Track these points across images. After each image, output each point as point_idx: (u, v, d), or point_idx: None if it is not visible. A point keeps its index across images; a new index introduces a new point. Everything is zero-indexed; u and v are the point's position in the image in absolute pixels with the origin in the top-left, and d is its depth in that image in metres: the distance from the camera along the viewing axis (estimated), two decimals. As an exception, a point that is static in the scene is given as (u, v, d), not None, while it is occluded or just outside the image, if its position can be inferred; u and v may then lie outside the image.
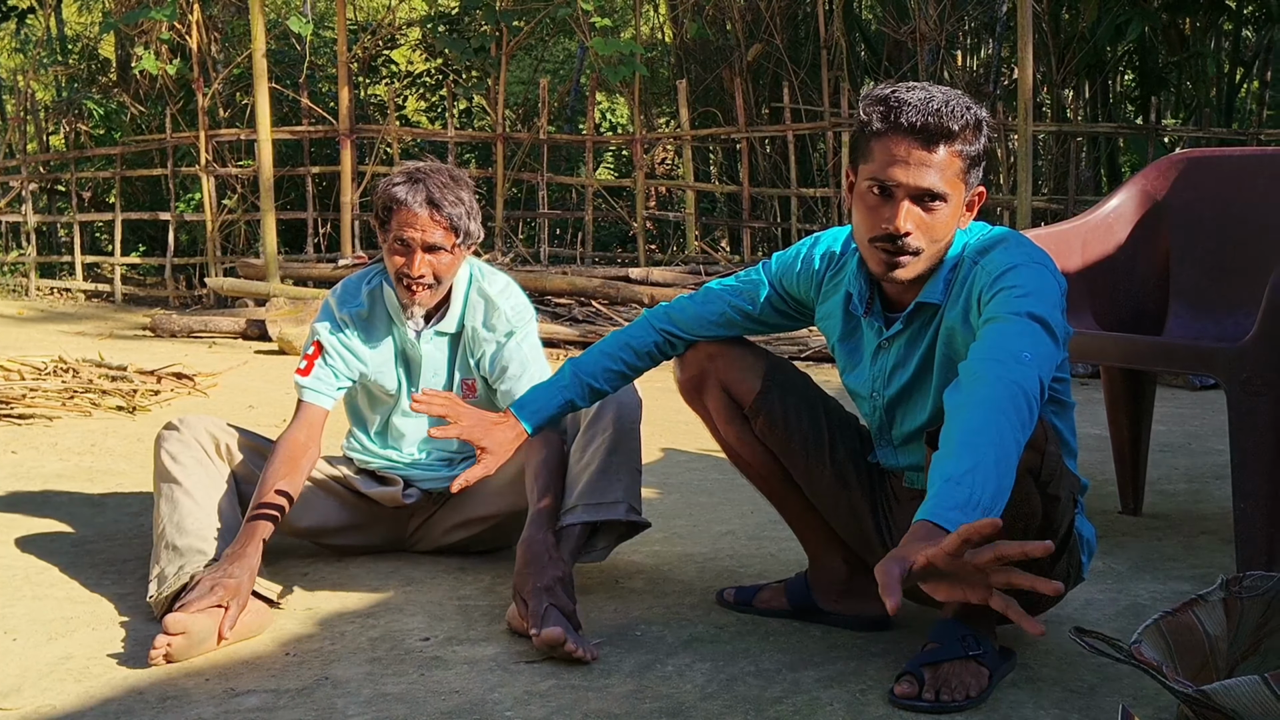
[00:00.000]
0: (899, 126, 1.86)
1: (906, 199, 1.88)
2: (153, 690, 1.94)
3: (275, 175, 8.55)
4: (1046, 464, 1.85)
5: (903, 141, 1.86)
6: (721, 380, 2.22)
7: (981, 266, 1.92)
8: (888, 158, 1.87)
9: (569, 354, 6.77)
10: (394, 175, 2.48)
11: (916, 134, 1.85)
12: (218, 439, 2.52)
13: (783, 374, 2.22)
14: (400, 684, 1.97)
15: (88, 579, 2.54)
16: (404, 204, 2.41)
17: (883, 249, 1.92)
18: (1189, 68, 9.35)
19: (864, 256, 2.00)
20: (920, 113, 1.85)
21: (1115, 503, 3.21)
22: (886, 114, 1.87)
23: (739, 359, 2.22)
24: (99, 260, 10.23)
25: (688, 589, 2.50)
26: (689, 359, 2.25)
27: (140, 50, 9.38)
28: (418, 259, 2.43)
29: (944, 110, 1.85)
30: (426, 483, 2.68)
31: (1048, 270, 1.91)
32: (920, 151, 1.86)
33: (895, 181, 1.87)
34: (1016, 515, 1.84)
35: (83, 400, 4.66)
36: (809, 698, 1.91)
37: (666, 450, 4.03)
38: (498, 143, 9.27)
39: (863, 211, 1.93)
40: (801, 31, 10.32)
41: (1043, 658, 2.08)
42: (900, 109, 1.86)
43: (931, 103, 1.86)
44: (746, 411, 2.21)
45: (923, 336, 2.01)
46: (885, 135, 1.87)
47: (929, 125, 1.85)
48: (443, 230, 2.43)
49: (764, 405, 2.19)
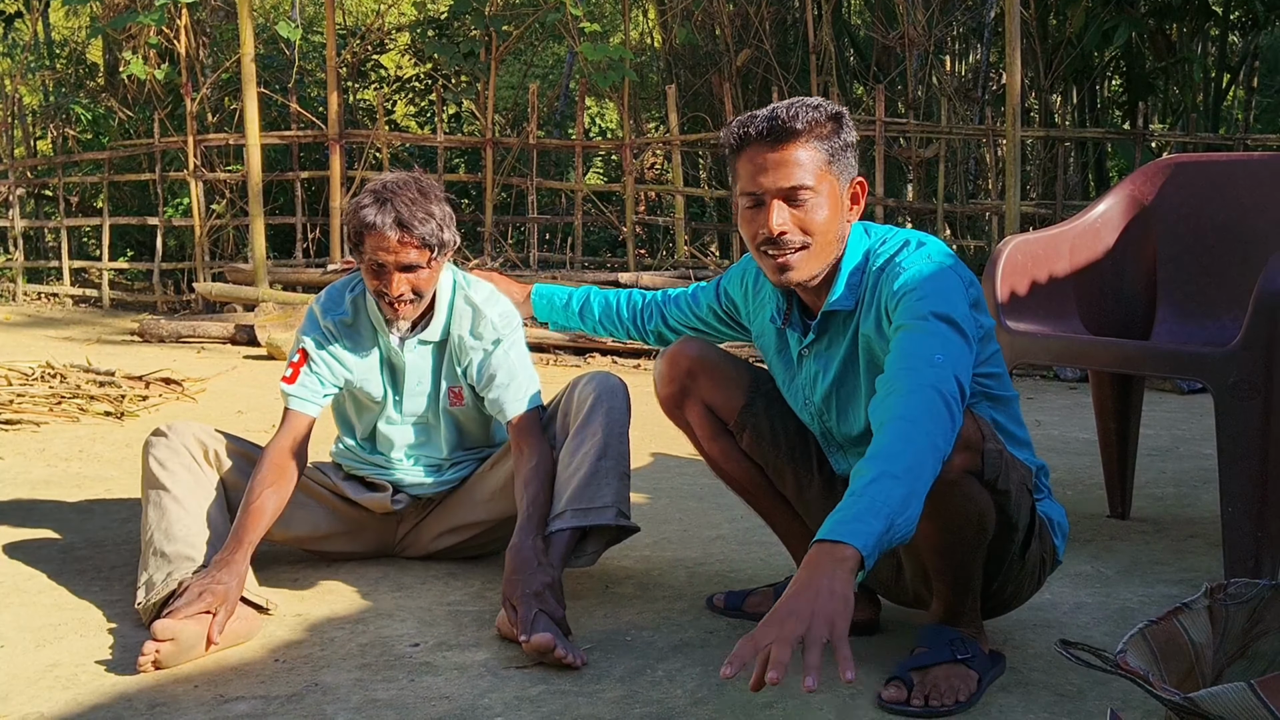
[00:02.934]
0: (749, 138, 1.95)
1: (775, 200, 1.94)
2: (141, 697, 1.94)
3: (264, 180, 8.52)
4: (987, 462, 1.85)
5: (757, 150, 1.95)
6: (704, 397, 2.22)
7: (886, 274, 1.96)
8: (749, 169, 1.96)
9: (559, 359, 6.76)
10: (361, 196, 2.42)
11: (765, 139, 1.94)
12: (206, 445, 2.52)
13: (766, 385, 2.22)
14: (390, 690, 1.97)
15: (75, 586, 2.53)
16: (374, 227, 2.37)
17: (769, 254, 1.97)
18: (1176, 73, 9.40)
19: (762, 271, 2.06)
20: (765, 120, 1.94)
21: (1104, 506, 3.22)
22: (739, 132, 1.97)
23: (721, 374, 2.22)
24: (87, 265, 10.19)
25: (678, 594, 2.50)
26: (668, 375, 2.25)
27: (128, 55, 9.35)
28: (394, 280, 2.42)
29: (786, 113, 1.93)
30: (415, 489, 2.67)
31: (948, 268, 1.94)
32: (773, 154, 1.94)
33: (760, 189, 1.95)
34: (966, 516, 1.86)
35: (70, 406, 4.64)
36: (798, 703, 1.91)
37: (656, 455, 4.03)
38: (487, 148, 9.26)
39: (745, 227, 2.00)
40: (790, 37, 10.34)
41: (1032, 661, 2.09)
42: (748, 123, 1.96)
43: (777, 110, 1.95)
44: (731, 427, 2.21)
45: (839, 343, 2.04)
46: (742, 151, 1.97)
47: (775, 128, 1.93)
48: (415, 249, 2.40)
49: (749, 420, 2.19)
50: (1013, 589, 2.06)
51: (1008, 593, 2.06)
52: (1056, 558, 2.11)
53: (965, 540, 1.89)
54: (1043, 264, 3.03)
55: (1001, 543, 1.94)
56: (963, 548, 1.90)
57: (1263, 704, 1.45)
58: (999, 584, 2.02)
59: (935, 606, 2.01)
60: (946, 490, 1.81)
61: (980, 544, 1.91)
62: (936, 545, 1.92)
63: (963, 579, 1.96)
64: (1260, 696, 1.45)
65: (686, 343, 2.25)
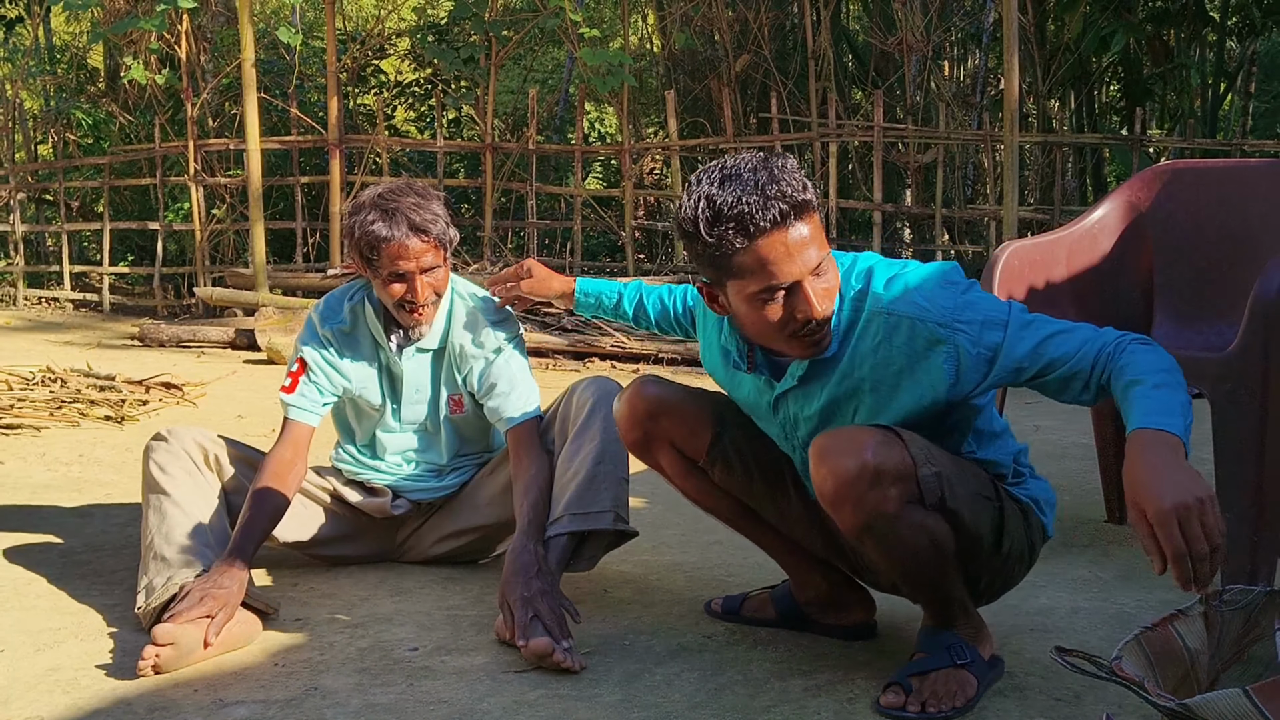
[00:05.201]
0: (760, 229, 1.75)
1: (808, 281, 1.79)
2: (141, 701, 1.94)
3: (264, 185, 8.54)
4: (925, 488, 1.80)
5: (775, 237, 1.75)
6: (669, 439, 2.15)
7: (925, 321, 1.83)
8: (769, 258, 1.76)
9: (557, 363, 6.77)
10: (365, 213, 2.41)
11: (780, 223, 1.75)
12: (206, 450, 2.53)
13: (730, 413, 2.14)
14: (389, 694, 1.98)
15: (75, 590, 2.54)
16: (389, 239, 2.38)
17: (805, 336, 1.84)
18: (1173, 79, 9.42)
19: (777, 350, 1.92)
20: (772, 203, 1.74)
21: (1101, 511, 3.22)
22: (740, 228, 1.75)
23: (682, 412, 2.13)
24: (87, 270, 10.20)
25: (676, 598, 2.51)
26: (629, 420, 2.16)
27: (129, 60, 9.36)
28: (419, 285, 2.43)
29: (785, 185, 1.75)
30: (415, 494, 2.68)
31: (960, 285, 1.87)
32: (792, 235, 1.76)
33: (792, 277, 1.78)
34: (918, 544, 1.84)
35: (70, 410, 4.64)
36: (797, 706, 1.92)
37: (655, 460, 4.04)
38: (486, 152, 9.28)
39: (762, 315, 1.82)
40: (789, 42, 10.36)
41: (1029, 666, 2.09)
42: (750, 215, 1.74)
43: (767, 188, 1.74)
44: (702, 464, 2.15)
45: (821, 386, 1.94)
46: (752, 246, 1.76)
47: (792, 207, 1.75)
48: (433, 250, 2.43)
49: (718, 455, 2.13)
50: (1001, 579, 2.06)
51: (997, 584, 2.06)
52: (1046, 534, 2.08)
53: (925, 564, 1.88)
54: (1040, 269, 3.04)
55: (970, 550, 1.93)
56: (926, 570, 1.90)
57: (1257, 709, 1.46)
58: (985, 580, 2.02)
59: (927, 613, 2.02)
60: (890, 524, 1.80)
61: (943, 563, 1.89)
62: (900, 574, 1.92)
63: (939, 594, 1.96)
64: (1255, 701, 1.46)
65: (644, 384, 2.15)
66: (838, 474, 1.79)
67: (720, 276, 1.84)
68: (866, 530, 1.83)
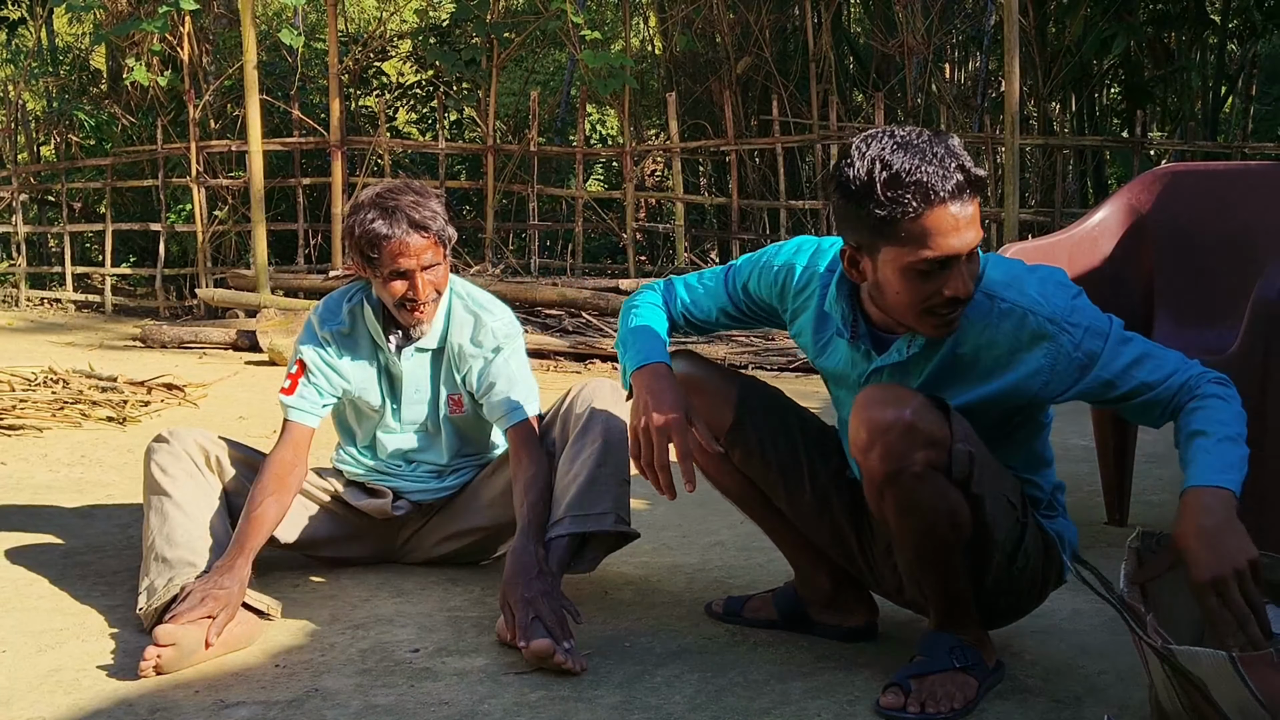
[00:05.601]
0: (938, 197, 1.76)
1: (964, 259, 1.81)
2: (142, 702, 1.95)
3: (266, 186, 8.55)
4: (955, 460, 1.83)
5: (948, 209, 1.77)
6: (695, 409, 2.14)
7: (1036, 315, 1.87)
8: (938, 229, 1.77)
9: (559, 364, 6.77)
10: (364, 212, 2.41)
11: (957, 196, 1.77)
12: (208, 451, 2.53)
13: (755, 399, 2.18)
14: (390, 695, 1.98)
15: (77, 591, 2.54)
16: (390, 237, 2.39)
17: (943, 314, 1.84)
18: (1174, 81, 9.42)
19: (908, 324, 1.90)
20: (954, 174, 1.76)
21: (1101, 513, 3.23)
22: (920, 193, 1.75)
23: (710, 392, 2.15)
24: (89, 271, 10.21)
25: (676, 600, 2.51)
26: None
27: (131, 62, 9.37)
28: (420, 283, 2.44)
29: (965, 163, 1.78)
30: (416, 494, 2.68)
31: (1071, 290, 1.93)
32: (963, 211, 1.78)
33: (955, 251, 1.78)
34: (937, 513, 1.85)
35: (72, 411, 4.65)
36: (797, 708, 1.92)
37: (656, 462, 4.04)
38: (488, 154, 9.28)
39: (911, 286, 1.82)
40: (790, 44, 10.36)
41: (1029, 668, 2.09)
42: (930, 183, 1.75)
43: (946, 160, 1.77)
44: (722, 444, 2.16)
45: (924, 365, 1.95)
46: (926, 214, 1.77)
47: (969, 182, 1.78)
48: (433, 247, 2.44)
49: (739, 438, 2.16)
50: (1008, 601, 2.06)
51: (1004, 604, 2.06)
52: (1061, 575, 2.10)
53: (939, 542, 1.88)
54: (1041, 272, 3.04)
55: (984, 550, 1.93)
56: (938, 551, 1.89)
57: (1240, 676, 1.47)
58: (993, 594, 2.02)
59: (931, 612, 2.02)
60: (913, 483, 1.83)
61: (955, 545, 1.89)
62: (912, 543, 1.90)
63: (947, 586, 1.95)
64: (1239, 669, 1.47)
65: (677, 360, 2.16)
66: (873, 421, 1.82)
67: (876, 242, 1.82)
68: (890, 482, 1.83)
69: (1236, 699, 1.49)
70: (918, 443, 1.80)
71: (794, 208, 8.94)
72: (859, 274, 1.90)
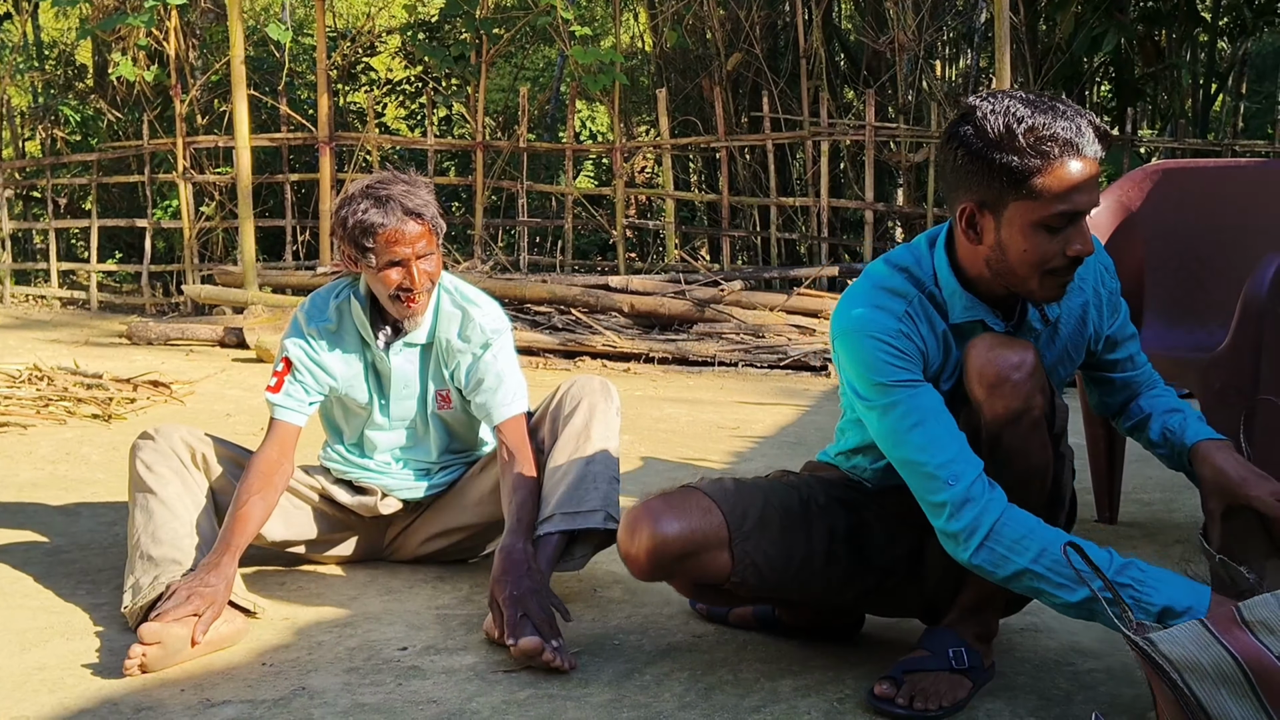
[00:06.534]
0: (1075, 148, 1.77)
1: (1085, 218, 1.82)
2: (127, 701, 1.93)
3: (253, 182, 8.50)
4: (1057, 412, 1.90)
5: (1082, 163, 1.77)
6: (691, 578, 2.01)
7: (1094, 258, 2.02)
8: (1070, 182, 1.77)
9: (548, 362, 6.76)
10: (356, 203, 2.39)
11: (1089, 151, 1.78)
12: (194, 449, 2.51)
13: (745, 524, 1.96)
14: (378, 694, 1.97)
15: (62, 589, 2.52)
16: (384, 225, 2.37)
17: (1063, 275, 1.84)
18: (1164, 79, 9.44)
19: (1023, 289, 1.86)
20: (1088, 130, 1.78)
21: (1091, 511, 3.23)
22: (1066, 145, 1.76)
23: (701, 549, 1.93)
24: (75, 267, 10.16)
25: (666, 598, 2.50)
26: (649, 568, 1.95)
27: (117, 56, 9.32)
28: (415, 271, 2.42)
29: (1095, 121, 1.80)
30: (404, 492, 2.67)
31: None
32: (1093, 168, 1.79)
33: (1082, 207, 1.79)
34: (1038, 466, 1.89)
35: (58, 408, 4.62)
36: (787, 706, 1.91)
37: (646, 459, 4.03)
38: (477, 150, 9.26)
39: (1037, 244, 1.80)
40: (781, 41, 10.36)
41: (1019, 665, 2.09)
42: (1072, 137, 1.76)
43: (1078, 118, 1.78)
44: (726, 587, 2.00)
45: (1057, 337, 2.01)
46: (1066, 164, 1.76)
47: (1101, 140, 1.79)
48: (427, 235, 2.42)
49: (742, 578, 1.96)
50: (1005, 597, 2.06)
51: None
52: None
53: (1032, 493, 1.88)
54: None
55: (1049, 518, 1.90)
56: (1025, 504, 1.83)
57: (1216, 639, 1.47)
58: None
59: (960, 600, 1.98)
60: (1031, 426, 1.85)
61: (1038, 505, 1.88)
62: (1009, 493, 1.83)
63: None
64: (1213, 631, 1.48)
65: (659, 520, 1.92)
66: (1004, 359, 1.83)
67: (1005, 197, 1.80)
68: (1013, 421, 1.84)
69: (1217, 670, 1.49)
70: (1038, 387, 1.84)
71: (784, 204, 8.94)
72: (975, 235, 1.86)
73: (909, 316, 1.90)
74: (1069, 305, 2.00)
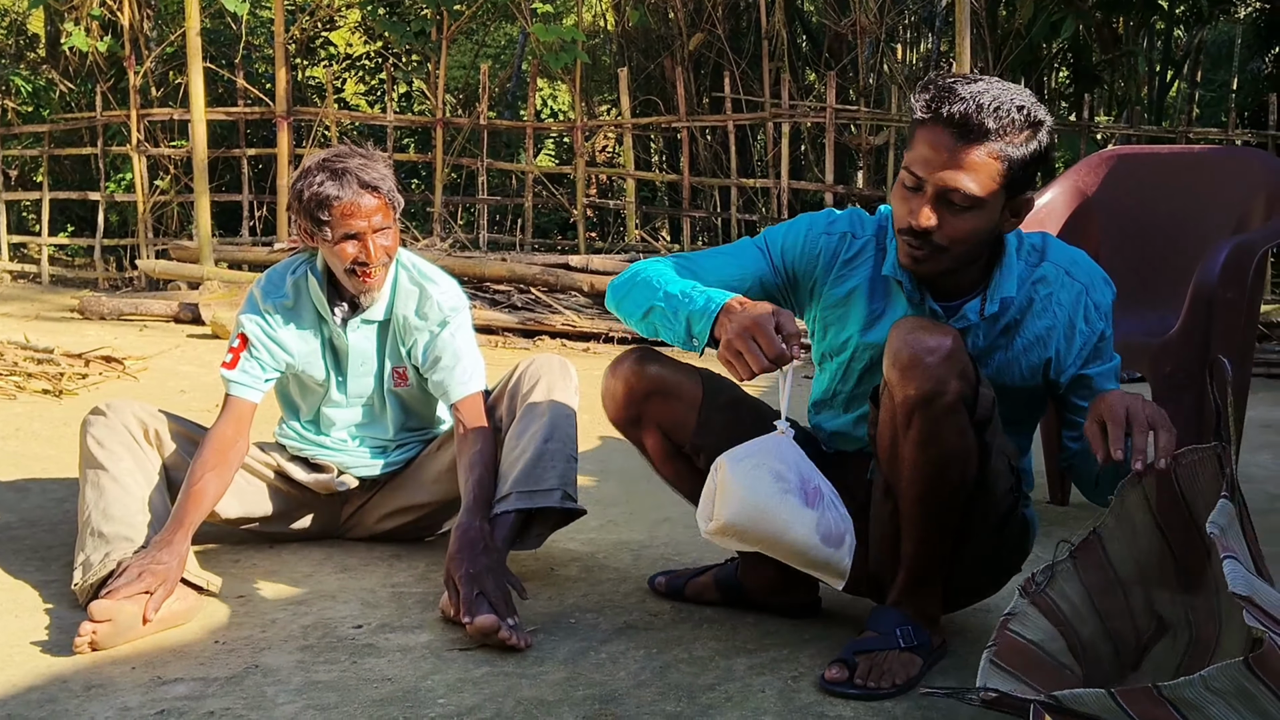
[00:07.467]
0: (939, 117, 1.79)
1: (933, 194, 1.82)
2: (77, 679, 1.91)
3: (210, 156, 8.40)
4: (980, 400, 1.86)
5: (940, 133, 1.79)
6: (658, 421, 2.13)
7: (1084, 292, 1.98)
8: (924, 148, 1.81)
9: (507, 340, 6.74)
10: (312, 176, 2.38)
11: (953, 127, 1.78)
12: (146, 425, 2.48)
13: (718, 396, 2.12)
14: (332, 672, 1.96)
15: (10, 566, 2.49)
16: (340, 198, 2.35)
17: (907, 241, 1.88)
18: (1121, 66, 9.53)
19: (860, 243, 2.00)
20: (963, 104, 1.77)
21: (1044, 493, 3.27)
22: (931, 102, 1.80)
23: (674, 394, 2.10)
24: (25, 240, 9.99)
25: (622, 576, 2.51)
26: (626, 396, 2.12)
27: (70, 26, 9.16)
28: (371, 245, 2.40)
29: (987, 107, 1.77)
30: (360, 470, 2.66)
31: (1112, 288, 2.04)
32: (952, 146, 1.79)
33: (924, 176, 1.82)
34: (954, 451, 1.86)
35: (7, 383, 4.55)
36: (741, 684, 1.92)
37: (604, 438, 4.04)
38: (437, 127, 9.19)
39: (896, 199, 1.88)
40: (743, 22, 10.35)
41: (971, 645, 2.11)
42: (946, 98, 1.78)
43: (980, 97, 1.78)
44: (686, 450, 2.13)
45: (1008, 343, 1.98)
46: (925, 124, 1.81)
47: (967, 121, 1.77)
48: (383, 209, 2.41)
49: (703, 442, 2.09)
50: (975, 579, 2.08)
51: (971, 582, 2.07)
52: (1019, 565, 2.12)
53: (948, 480, 1.87)
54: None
55: (977, 510, 1.94)
56: (943, 490, 1.88)
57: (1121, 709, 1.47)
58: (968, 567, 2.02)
59: (898, 580, 2.00)
60: (943, 412, 1.82)
61: (959, 491, 1.89)
62: (921, 479, 1.88)
63: (932, 537, 1.93)
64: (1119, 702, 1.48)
65: (643, 360, 2.12)
66: (919, 342, 1.81)
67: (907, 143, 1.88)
68: (923, 405, 1.82)
69: None
70: (955, 372, 1.81)
71: (745, 185, 8.95)
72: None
73: (850, 237, 2.05)
74: (1032, 320, 1.98)
